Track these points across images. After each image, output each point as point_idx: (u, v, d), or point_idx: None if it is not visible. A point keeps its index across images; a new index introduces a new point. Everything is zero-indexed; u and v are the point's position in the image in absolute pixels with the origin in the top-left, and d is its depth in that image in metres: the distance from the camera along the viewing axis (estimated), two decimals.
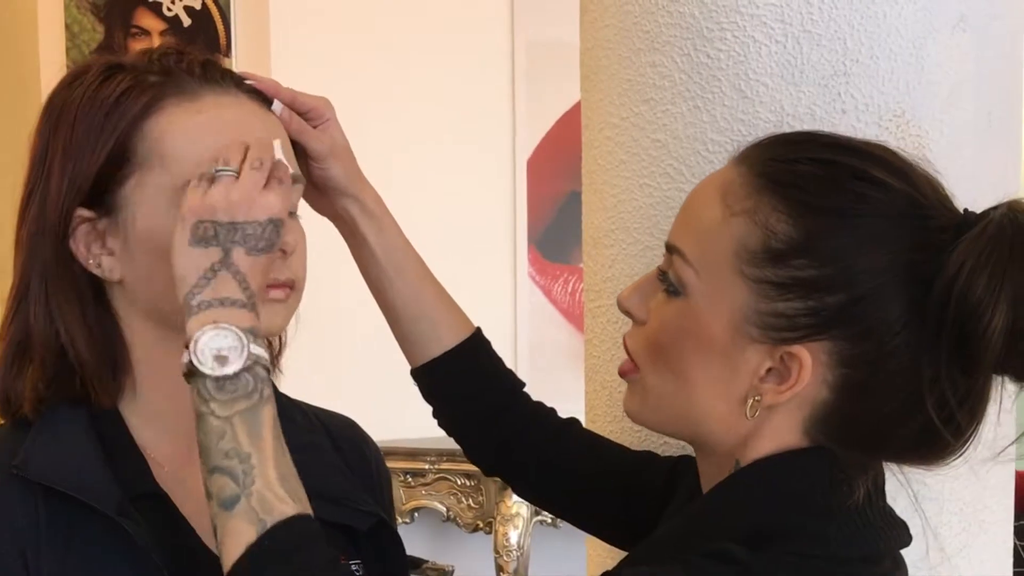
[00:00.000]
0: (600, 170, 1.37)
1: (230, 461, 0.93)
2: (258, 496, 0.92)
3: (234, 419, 0.94)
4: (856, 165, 0.99)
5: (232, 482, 0.93)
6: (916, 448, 1.01)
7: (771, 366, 0.99)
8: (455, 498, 3.61)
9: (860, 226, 0.98)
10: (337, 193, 1.21)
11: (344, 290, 1.24)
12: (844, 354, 0.98)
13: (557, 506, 1.31)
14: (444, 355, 1.25)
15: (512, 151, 4.05)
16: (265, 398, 0.95)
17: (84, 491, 1.02)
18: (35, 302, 1.07)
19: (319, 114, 1.18)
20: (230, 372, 0.94)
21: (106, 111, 1.05)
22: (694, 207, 1.05)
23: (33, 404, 1.07)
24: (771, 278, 0.98)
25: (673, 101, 1.28)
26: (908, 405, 0.98)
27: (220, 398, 0.94)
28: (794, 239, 0.97)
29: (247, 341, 0.95)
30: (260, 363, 0.96)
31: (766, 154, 1.02)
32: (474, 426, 1.28)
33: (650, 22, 1.28)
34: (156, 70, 1.07)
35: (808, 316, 0.97)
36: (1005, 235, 0.95)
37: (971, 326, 0.94)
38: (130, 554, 1.01)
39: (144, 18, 3.69)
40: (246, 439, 0.94)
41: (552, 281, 4.13)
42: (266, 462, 0.93)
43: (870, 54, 1.22)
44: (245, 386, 0.94)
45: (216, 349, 0.94)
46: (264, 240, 0.98)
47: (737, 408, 1.00)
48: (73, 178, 1.05)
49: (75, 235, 1.06)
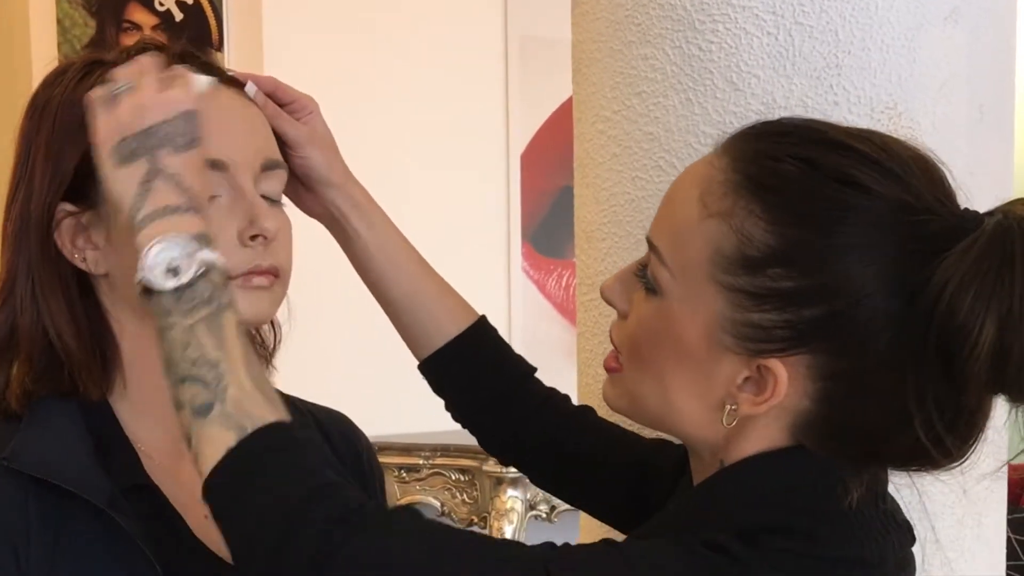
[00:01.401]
0: (592, 163, 1.37)
1: (198, 369, 0.90)
2: (233, 401, 0.89)
3: (196, 327, 0.91)
4: (840, 166, 0.92)
5: (204, 389, 0.89)
6: (911, 460, 0.96)
7: (748, 375, 0.94)
8: (449, 493, 3.60)
9: (841, 235, 0.91)
10: (321, 184, 1.20)
11: (337, 285, 1.24)
12: (824, 368, 0.92)
13: (570, 494, 1.29)
14: (447, 345, 1.23)
15: (505, 146, 4.05)
16: (225, 304, 0.92)
17: (75, 483, 1.02)
18: (21, 297, 1.07)
19: (301, 106, 1.18)
20: (184, 281, 0.91)
21: (85, 106, 1.05)
22: (673, 202, 0.99)
23: (20, 399, 1.07)
24: (745, 287, 0.92)
25: (665, 94, 1.27)
26: (897, 420, 0.92)
27: (179, 308, 0.91)
28: (770, 247, 0.91)
29: (196, 247, 0.92)
30: (214, 269, 0.93)
31: (749, 147, 0.96)
32: (483, 415, 1.26)
33: (642, 15, 1.28)
34: None
35: (784, 329, 0.92)
36: (994, 249, 0.88)
37: (956, 345, 0.88)
38: (121, 546, 1.01)
39: (136, 13, 3.69)
40: (211, 345, 0.90)
41: (546, 275, 4.13)
42: (236, 367, 0.90)
43: (862, 46, 1.22)
44: (203, 293, 0.92)
45: (166, 261, 0.91)
46: (183, 135, 0.96)
47: (715, 413, 0.96)
48: (55, 173, 1.06)
49: (59, 229, 1.07)
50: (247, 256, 1.05)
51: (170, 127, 0.96)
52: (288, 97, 1.18)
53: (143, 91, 0.97)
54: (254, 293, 1.05)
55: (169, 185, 0.95)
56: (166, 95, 0.97)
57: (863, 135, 0.96)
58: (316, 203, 1.22)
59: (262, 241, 1.05)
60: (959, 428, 0.92)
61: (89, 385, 1.07)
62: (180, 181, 0.95)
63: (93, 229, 1.06)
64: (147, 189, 0.94)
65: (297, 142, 1.17)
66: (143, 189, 0.94)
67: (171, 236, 0.92)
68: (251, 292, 1.05)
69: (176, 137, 0.96)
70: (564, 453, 1.23)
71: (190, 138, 0.96)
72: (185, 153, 0.96)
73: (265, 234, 1.05)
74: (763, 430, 0.96)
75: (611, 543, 0.95)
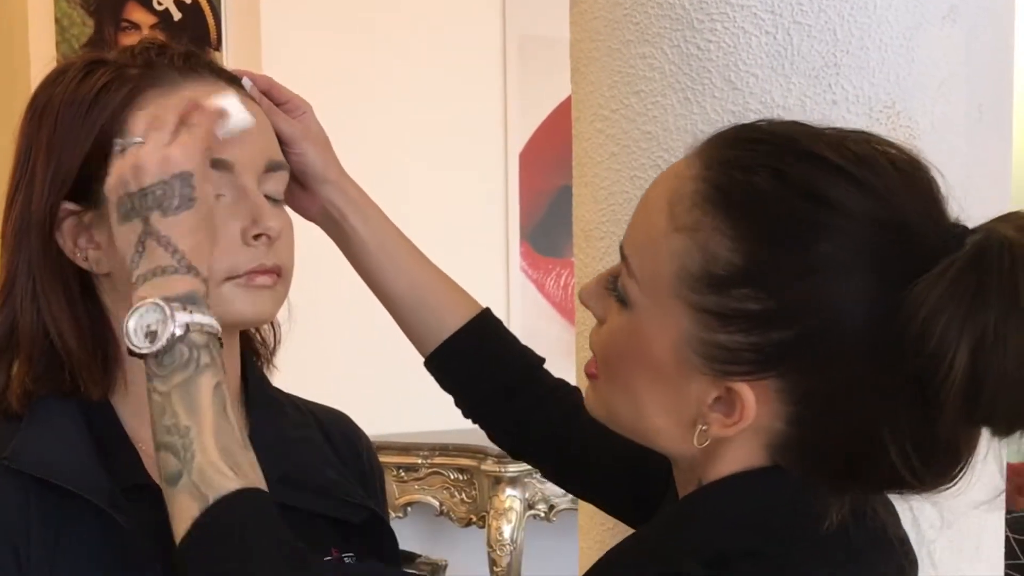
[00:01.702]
0: (591, 163, 1.37)
1: (171, 437, 0.92)
2: (198, 470, 0.90)
3: (172, 393, 0.92)
4: (810, 180, 0.86)
5: (174, 457, 0.91)
6: (892, 485, 0.91)
7: (718, 395, 0.90)
8: (448, 492, 3.60)
9: (810, 255, 0.86)
10: (317, 181, 1.20)
11: (336, 285, 1.24)
12: (795, 391, 0.88)
13: (576, 487, 1.28)
14: (450, 339, 1.23)
15: (504, 145, 4.05)
16: (202, 367, 0.93)
17: (75, 482, 1.02)
18: (22, 296, 1.07)
19: (295, 106, 1.19)
20: (159, 347, 0.93)
21: (87, 105, 1.05)
22: (645, 209, 0.94)
23: (20, 398, 1.07)
24: (711, 307, 0.88)
25: (663, 93, 1.27)
26: (873, 446, 0.87)
27: (160, 373, 0.93)
28: (736, 266, 0.87)
29: (171, 311, 0.93)
30: (197, 329, 0.94)
31: (722, 154, 0.91)
32: (489, 408, 1.25)
33: (640, 13, 1.28)
34: (137, 63, 1.07)
35: (751, 352, 0.87)
36: (971, 273, 0.83)
37: (928, 372, 0.83)
38: (122, 545, 1.01)
39: (134, 12, 3.68)
40: (184, 412, 0.92)
41: (544, 275, 4.13)
42: (205, 434, 0.91)
43: (860, 45, 1.22)
44: (180, 356, 0.93)
45: (145, 326, 0.93)
46: (176, 197, 0.96)
47: (688, 431, 0.92)
48: (57, 172, 1.05)
49: (61, 229, 1.06)
50: (250, 255, 1.05)
51: (163, 189, 0.96)
52: (283, 97, 1.18)
53: (146, 148, 0.97)
54: (257, 292, 1.05)
55: (161, 246, 0.95)
56: (164, 155, 0.97)
57: (841, 143, 0.89)
58: (312, 202, 1.22)
59: (265, 240, 1.05)
60: (938, 459, 0.88)
61: (90, 385, 1.07)
62: (170, 243, 0.96)
63: (95, 228, 1.06)
64: (142, 248, 0.96)
65: (292, 138, 1.17)
66: (139, 248, 0.96)
67: (149, 301, 0.94)
68: (254, 291, 1.05)
69: (169, 200, 0.96)
70: (569, 446, 1.22)
71: (184, 199, 0.97)
72: (177, 216, 0.96)
73: (269, 233, 1.05)
74: (739, 449, 0.92)
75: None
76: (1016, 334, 0.82)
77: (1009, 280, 0.83)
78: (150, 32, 3.65)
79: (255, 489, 0.92)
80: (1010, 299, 0.82)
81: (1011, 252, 0.83)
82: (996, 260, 0.83)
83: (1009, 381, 0.82)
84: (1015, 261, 0.83)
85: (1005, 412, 0.84)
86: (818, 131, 0.92)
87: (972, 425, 0.86)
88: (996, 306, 0.82)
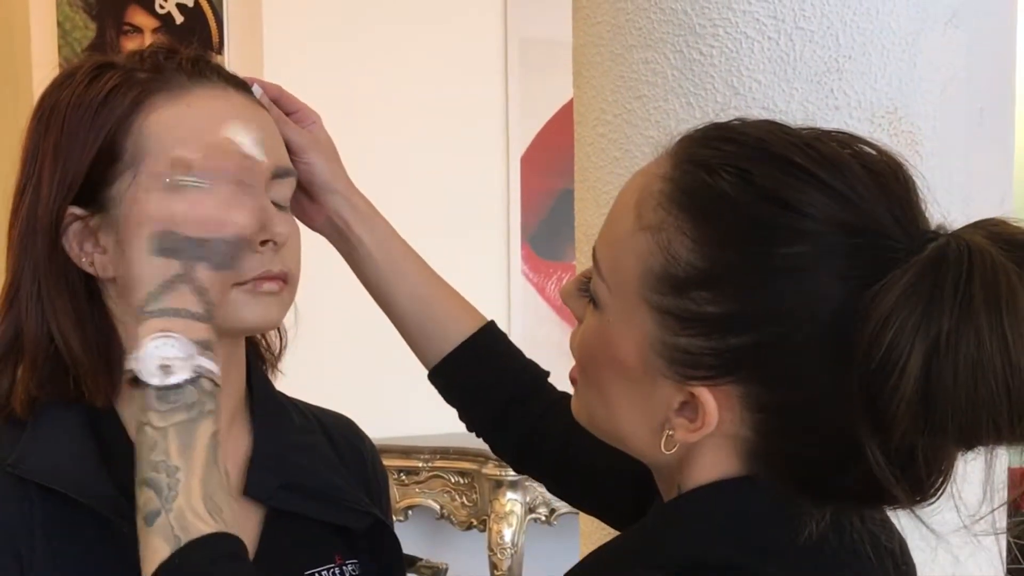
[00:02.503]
0: (593, 167, 1.37)
1: (158, 474, 0.90)
2: (177, 512, 0.89)
3: (169, 431, 0.91)
4: (774, 183, 0.84)
5: (156, 496, 0.90)
6: (868, 500, 0.87)
7: (683, 400, 0.87)
8: (449, 496, 3.61)
9: (770, 259, 0.83)
10: (324, 191, 1.20)
11: (338, 289, 1.24)
12: (757, 399, 0.85)
13: (582, 501, 1.26)
14: (453, 352, 1.22)
15: (505, 148, 4.05)
16: (205, 413, 0.93)
17: (79, 490, 1.01)
18: (27, 301, 1.07)
19: (305, 115, 1.19)
20: (172, 383, 0.92)
21: (95, 109, 1.04)
22: (615, 210, 0.92)
23: (24, 404, 1.07)
24: (672, 309, 0.85)
25: (666, 98, 1.28)
26: (843, 458, 0.84)
27: (159, 408, 0.92)
28: (695, 268, 0.84)
29: (194, 352, 0.93)
30: (207, 376, 0.93)
31: (690, 153, 0.88)
32: (492, 421, 1.24)
33: (643, 18, 1.28)
34: (145, 67, 1.07)
35: (710, 356, 0.84)
36: (926, 279, 0.79)
37: (878, 382, 0.79)
38: (124, 552, 1.01)
39: (136, 15, 3.69)
40: (176, 452, 0.91)
41: (545, 278, 4.14)
42: (192, 477, 0.90)
43: (863, 50, 1.22)
44: (187, 398, 0.92)
45: (161, 358, 0.92)
46: (230, 257, 0.97)
47: (657, 437, 0.89)
48: (64, 176, 1.05)
49: (67, 233, 1.06)
50: (257, 261, 1.05)
51: (219, 247, 0.96)
52: (293, 106, 1.18)
53: (214, 199, 0.96)
54: (264, 299, 1.05)
55: (195, 294, 0.95)
56: (230, 215, 0.97)
57: (813, 144, 0.86)
58: (319, 212, 1.21)
59: (272, 247, 1.05)
60: (909, 471, 0.83)
61: (95, 391, 1.07)
62: (204, 294, 0.96)
63: (102, 233, 1.05)
64: (171, 287, 0.95)
65: (301, 147, 1.17)
66: (168, 285, 0.95)
67: (174, 335, 0.93)
68: (261, 298, 1.05)
69: (218, 256, 0.96)
70: (572, 460, 1.21)
71: (234, 261, 0.98)
72: (219, 273, 0.97)
73: (277, 239, 1.05)
74: (712, 456, 0.89)
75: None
76: (969, 342, 0.78)
77: (966, 286, 0.79)
78: (153, 36, 3.65)
79: (228, 535, 0.90)
80: (965, 306, 0.78)
81: (970, 258, 0.80)
82: (954, 265, 0.79)
83: (962, 391, 0.79)
84: (973, 267, 0.79)
85: (958, 423, 0.80)
86: (790, 132, 0.89)
87: (926, 436, 0.81)
88: (950, 313, 0.78)
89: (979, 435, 0.81)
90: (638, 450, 0.94)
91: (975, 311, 0.78)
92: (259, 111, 1.10)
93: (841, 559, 0.87)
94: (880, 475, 0.82)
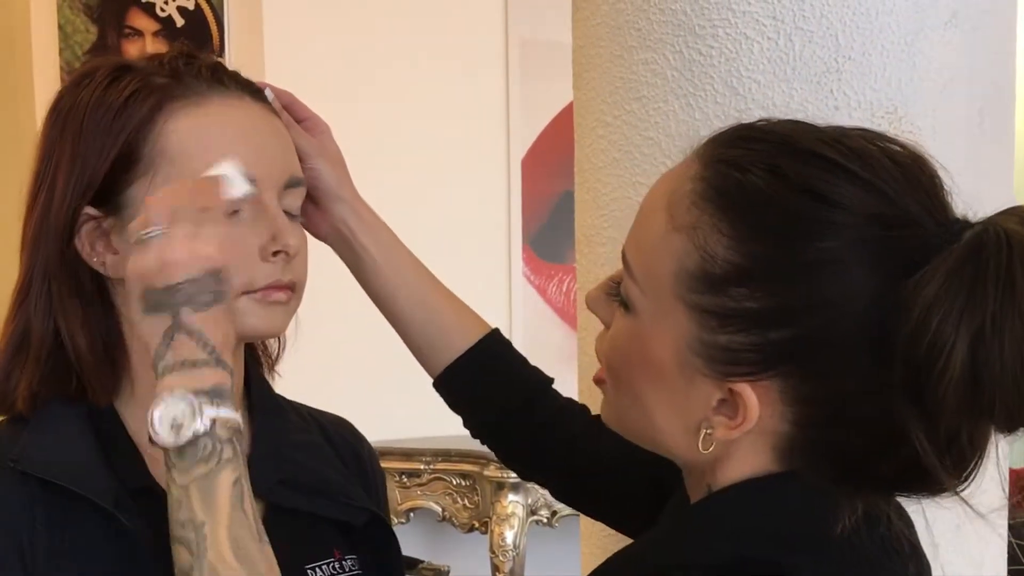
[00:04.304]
0: (593, 168, 1.37)
1: (185, 531, 0.91)
2: (209, 567, 0.90)
3: (191, 487, 0.92)
4: (807, 177, 0.86)
5: (187, 552, 0.91)
6: (903, 487, 0.90)
7: (722, 397, 0.89)
8: (451, 498, 3.61)
9: (806, 252, 0.85)
10: (330, 198, 1.20)
11: (340, 290, 1.24)
12: (797, 391, 0.87)
13: (588, 506, 1.27)
14: (459, 359, 1.22)
15: (506, 151, 4.05)
16: (224, 461, 0.93)
17: (80, 484, 1.02)
18: (36, 299, 1.08)
19: (315, 124, 1.20)
20: (183, 441, 0.92)
21: (114, 113, 1.05)
22: (644, 212, 0.94)
23: (28, 401, 1.08)
24: (710, 307, 0.87)
25: (665, 99, 1.28)
26: (882, 445, 0.86)
27: (180, 465, 0.92)
28: (733, 265, 0.86)
29: (199, 405, 0.92)
30: (223, 424, 0.93)
31: (719, 153, 0.90)
32: (497, 429, 1.25)
33: (642, 19, 1.28)
34: (164, 73, 1.08)
35: (751, 352, 0.86)
36: (968, 264, 0.82)
37: (927, 366, 0.81)
38: (126, 547, 1.02)
39: (137, 19, 3.69)
40: (200, 507, 0.91)
41: (547, 281, 4.14)
42: (219, 528, 0.91)
43: (862, 51, 1.22)
44: (203, 450, 0.92)
45: (171, 418, 0.92)
46: (207, 293, 0.95)
47: (695, 436, 0.91)
48: (80, 178, 1.05)
49: (80, 233, 1.07)
50: (268, 271, 1.05)
51: (195, 287, 0.94)
52: (303, 114, 1.18)
53: (171, 243, 0.94)
54: (272, 308, 1.06)
55: (192, 340, 0.94)
56: (193, 250, 0.94)
57: (840, 140, 0.89)
58: (323, 220, 1.21)
59: (283, 257, 1.06)
60: (951, 455, 0.86)
61: (98, 389, 1.08)
62: (201, 336, 0.94)
63: (115, 234, 1.06)
64: (170, 340, 0.94)
65: (308, 154, 1.17)
66: (167, 340, 0.94)
67: (177, 393, 0.92)
68: (269, 307, 1.06)
69: (200, 295, 0.95)
70: (577, 467, 1.21)
71: (216, 295, 0.95)
72: (208, 311, 0.95)
73: (288, 250, 1.06)
74: (748, 454, 0.91)
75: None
76: (1014, 326, 0.81)
77: (1007, 272, 0.81)
78: (153, 39, 3.65)
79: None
80: (1008, 291, 0.81)
81: (1009, 244, 0.82)
82: (994, 252, 0.82)
83: (1008, 374, 0.81)
84: (1012, 252, 0.82)
85: (1005, 406, 0.82)
86: (816, 129, 0.91)
87: (972, 420, 0.84)
88: (994, 298, 0.81)
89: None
90: (673, 451, 0.95)
91: (1018, 294, 0.81)
92: (274, 120, 1.11)
93: (874, 554, 0.89)
94: (926, 460, 0.84)
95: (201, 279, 0.94)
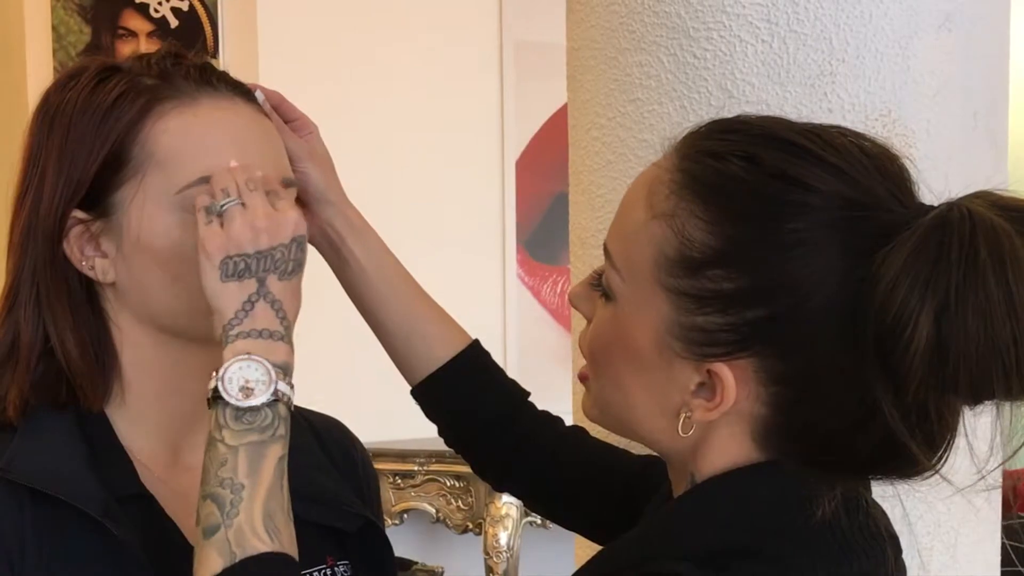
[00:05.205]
0: (587, 170, 1.37)
1: (223, 489, 0.93)
2: (236, 529, 0.91)
3: (240, 449, 0.94)
4: (781, 162, 0.89)
5: (218, 511, 0.92)
6: (879, 466, 0.92)
7: (700, 381, 0.91)
8: (445, 499, 3.60)
9: (780, 233, 0.88)
10: (318, 202, 1.19)
11: (334, 291, 1.24)
12: (773, 371, 0.90)
13: (563, 517, 1.27)
14: (439, 369, 1.22)
15: (501, 152, 4.05)
16: (277, 436, 0.95)
17: (70, 493, 1.01)
18: (24, 304, 1.06)
19: (303, 124, 1.19)
20: (252, 404, 0.94)
21: (102, 115, 1.04)
22: (625, 204, 0.97)
23: (17, 407, 1.06)
24: (688, 290, 0.90)
25: (660, 101, 1.28)
26: (854, 424, 0.89)
27: (234, 427, 0.94)
28: (710, 248, 0.89)
29: (275, 377, 0.95)
30: (284, 401, 0.96)
31: (695, 145, 0.93)
32: (475, 440, 1.26)
33: (636, 22, 1.28)
34: (152, 73, 1.06)
35: (727, 332, 0.89)
36: (931, 241, 0.84)
37: (891, 341, 0.84)
38: (116, 555, 1.01)
39: (131, 19, 3.69)
40: (245, 470, 0.93)
41: (541, 282, 4.14)
42: (256, 496, 0.92)
43: (856, 53, 1.23)
44: (263, 420, 0.94)
45: (244, 380, 0.94)
46: (292, 261, 0.98)
47: (674, 422, 0.93)
48: (68, 181, 1.04)
49: (68, 237, 1.05)
50: None
51: (282, 252, 0.98)
52: (292, 115, 1.18)
53: (256, 211, 0.98)
54: None
55: (272, 309, 0.97)
56: (283, 218, 0.98)
57: (813, 131, 0.92)
58: (311, 223, 1.20)
59: None
60: (925, 429, 0.88)
61: (89, 395, 1.06)
62: (281, 307, 0.97)
63: (103, 237, 1.05)
64: (250, 307, 0.96)
65: (297, 156, 1.16)
66: (247, 306, 0.96)
67: (256, 357, 0.95)
68: None
69: (286, 263, 0.98)
70: (554, 477, 1.22)
71: (298, 264, 0.99)
72: (290, 280, 0.98)
73: None
74: (727, 439, 0.93)
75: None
76: (977, 298, 0.83)
77: (971, 245, 0.83)
78: (147, 40, 3.65)
79: (283, 554, 0.93)
80: (971, 263, 0.83)
81: (972, 220, 0.84)
82: (957, 226, 0.84)
83: (972, 344, 0.83)
84: (976, 227, 0.84)
85: (970, 379, 0.84)
86: (791, 122, 0.94)
87: (939, 392, 0.86)
88: (957, 270, 0.83)
89: (990, 387, 0.85)
90: (653, 438, 0.97)
91: (981, 266, 0.83)
92: (264, 122, 1.10)
93: (853, 540, 0.91)
94: (896, 429, 0.86)
95: (289, 245, 0.98)
